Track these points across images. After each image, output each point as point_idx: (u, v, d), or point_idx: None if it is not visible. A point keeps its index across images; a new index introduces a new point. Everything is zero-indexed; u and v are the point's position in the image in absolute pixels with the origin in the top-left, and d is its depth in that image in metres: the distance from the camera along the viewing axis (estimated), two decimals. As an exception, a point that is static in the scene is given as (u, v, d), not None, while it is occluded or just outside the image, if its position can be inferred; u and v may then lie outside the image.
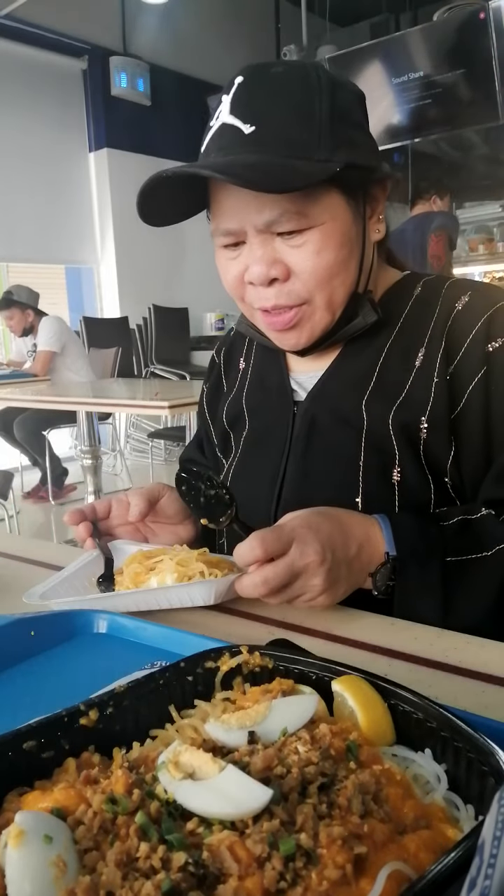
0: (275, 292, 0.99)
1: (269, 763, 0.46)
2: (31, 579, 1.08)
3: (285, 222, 0.94)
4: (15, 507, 4.51)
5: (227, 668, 0.63)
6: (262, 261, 0.97)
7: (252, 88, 0.94)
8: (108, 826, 0.44)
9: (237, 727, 0.52)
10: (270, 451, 1.14)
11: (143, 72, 7.70)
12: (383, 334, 1.08)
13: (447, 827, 0.46)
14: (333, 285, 0.99)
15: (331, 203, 0.96)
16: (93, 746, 0.56)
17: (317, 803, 0.44)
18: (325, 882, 0.39)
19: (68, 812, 0.46)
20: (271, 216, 0.94)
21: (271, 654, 0.64)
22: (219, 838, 0.41)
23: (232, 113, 0.94)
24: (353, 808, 0.44)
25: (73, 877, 0.41)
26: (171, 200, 1.00)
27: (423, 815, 0.46)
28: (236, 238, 0.99)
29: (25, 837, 0.42)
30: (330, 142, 0.93)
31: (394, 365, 1.06)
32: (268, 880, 0.39)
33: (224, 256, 1.03)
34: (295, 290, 0.99)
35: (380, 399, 1.05)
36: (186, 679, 0.62)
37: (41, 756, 0.53)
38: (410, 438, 1.02)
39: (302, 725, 0.52)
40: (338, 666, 0.61)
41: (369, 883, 0.40)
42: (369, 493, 1.02)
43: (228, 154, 0.93)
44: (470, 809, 0.48)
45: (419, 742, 0.54)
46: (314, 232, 0.95)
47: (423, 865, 0.42)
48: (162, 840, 0.42)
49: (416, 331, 1.06)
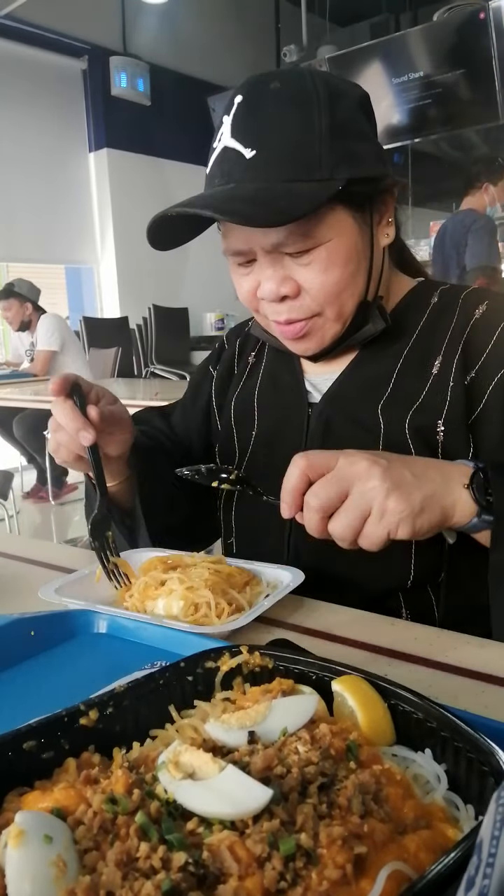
0: (287, 308, 1.01)
1: (270, 763, 0.46)
2: (31, 579, 1.08)
3: (291, 244, 0.95)
4: (15, 507, 4.51)
5: (227, 669, 0.63)
6: (272, 279, 0.99)
7: (252, 109, 0.95)
8: (108, 826, 0.44)
9: (237, 727, 0.52)
10: (284, 452, 1.11)
11: (143, 72, 7.70)
12: (401, 342, 1.09)
13: (447, 827, 0.46)
14: (343, 298, 1.01)
15: (336, 220, 0.97)
16: (93, 746, 0.56)
17: (317, 803, 0.44)
18: (325, 882, 0.39)
19: (68, 812, 0.46)
20: (277, 239, 0.95)
21: (271, 654, 0.64)
22: (219, 838, 0.41)
23: (233, 136, 0.95)
24: (353, 808, 0.44)
25: (73, 877, 0.41)
26: (181, 224, 1.00)
27: (423, 815, 0.46)
28: (247, 257, 1.01)
29: (25, 837, 0.42)
30: (331, 159, 0.93)
31: (410, 372, 1.07)
32: (268, 880, 0.39)
33: (237, 273, 1.05)
34: (306, 304, 1.01)
35: (395, 405, 1.05)
36: (186, 679, 0.62)
37: (41, 756, 0.53)
38: (428, 441, 1.02)
39: (302, 725, 0.52)
40: (338, 666, 0.61)
41: (369, 883, 0.40)
42: None
43: (230, 181, 0.94)
44: (470, 809, 0.49)
45: (419, 742, 0.54)
46: (321, 250, 0.96)
47: (423, 865, 0.42)
48: (162, 840, 0.42)
49: (434, 339, 1.07)
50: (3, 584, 1.08)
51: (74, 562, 1.17)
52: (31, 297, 5.94)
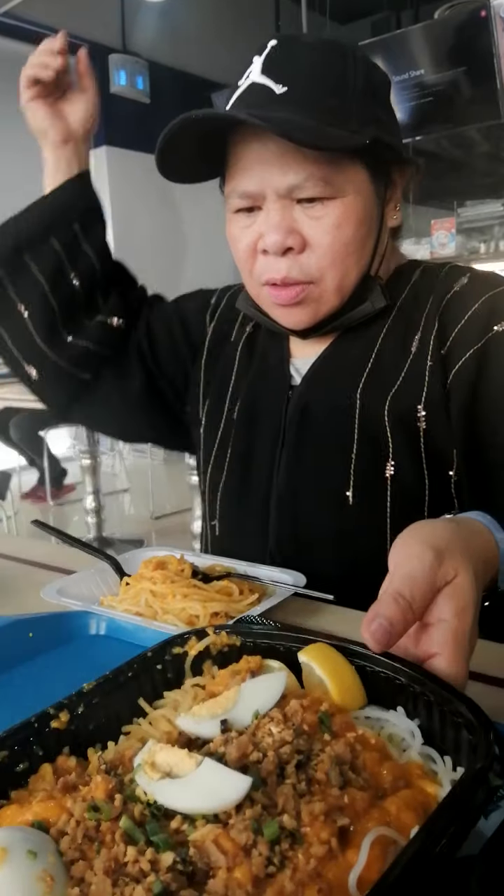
0: (287, 264, 0.95)
1: (245, 750, 0.46)
2: (30, 580, 1.07)
3: (310, 188, 0.91)
4: (13, 508, 4.45)
5: (195, 653, 0.63)
6: (279, 228, 0.93)
7: (287, 51, 0.92)
8: (92, 834, 0.43)
9: (209, 717, 0.52)
10: (265, 434, 1.10)
11: (142, 69, 7.51)
12: (380, 322, 1.04)
13: (426, 783, 0.47)
14: (347, 264, 0.96)
15: (356, 177, 0.93)
16: (67, 748, 0.55)
17: (296, 782, 0.45)
18: (312, 860, 0.40)
19: (50, 824, 0.45)
20: (295, 179, 0.91)
21: (237, 632, 0.64)
22: (202, 833, 0.41)
23: (264, 73, 0.91)
24: (331, 781, 0.45)
25: (61, 890, 0.41)
26: (191, 156, 0.97)
27: (401, 775, 0.47)
28: (253, 202, 0.95)
29: (9, 856, 0.42)
30: (361, 115, 0.91)
31: (390, 351, 1.02)
32: (256, 867, 0.39)
33: (237, 224, 0.99)
34: (308, 264, 0.95)
35: (375, 386, 1.01)
36: (155, 668, 0.62)
37: (14, 767, 0.52)
38: (408, 430, 0.97)
39: (273, 705, 0.52)
40: (304, 634, 0.62)
41: (356, 853, 0.41)
42: (361, 486, 0.98)
43: (258, 111, 0.89)
44: (448, 761, 0.49)
45: (390, 700, 0.55)
46: (336, 204, 0.92)
47: (407, 825, 0.43)
48: (149, 842, 0.42)
49: (413, 315, 1.03)
50: (2, 585, 1.06)
51: (73, 562, 1.14)
52: None
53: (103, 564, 1.01)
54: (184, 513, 4.61)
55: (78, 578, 0.98)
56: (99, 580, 0.99)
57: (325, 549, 1.02)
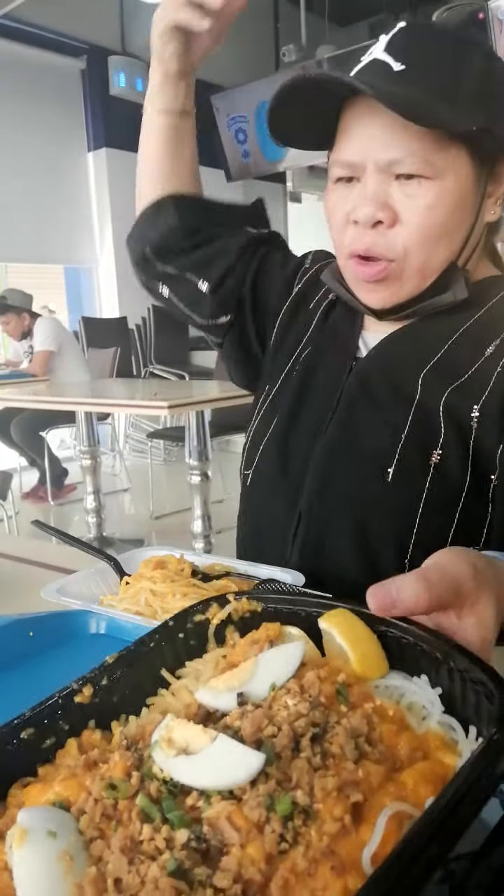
0: (373, 237, 0.95)
1: (259, 725, 0.46)
2: (30, 579, 1.08)
3: (409, 164, 0.91)
4: (14, 508, 4.49)
5: (218, 621, 0.63)
6: (372, 200, 0.93)
7: (412, 34, 0.95)
8: (110, 812, 0.44)
9: (226, 690, 0.52)
10: (320, 397, 1.10)
11: (142, 71, 7.35)
12: (463, 317, 1.03)
13: (445, 754, 0.46)
14: (433, 247, 0.95)
15: (458, 161, 0.92)
16: (93, 722, 0.56)
17: (310, 756, 0.44)
18: (325, 837, 0.40)
19: (70, 803, 0.46)
20: (397, 154, 0.91)
21: (258, 598, 0.64)
22: (216, 810, 0.42)
23: (386, 51, 0.93)
24: (346, 755, 0.44)
25: (81, 868, 0.41)
26: (301, 119, 0.98)
27: (418, 747, 0.47)
28: (353, 172, 0.96)
29: (29, 836, 0.42)
30: (476, 100, 0.91)
31: (464, 348, 1.01)
32: (269, 844, 0.39)
33: (335, 193, 1.00)
34: (396, 240, 0.95)
35: (438, 376, 1.00)
36: (178, 637, 0.62)
37: (41, 744, 0.53)
38: (461, 425, 0.97)
39: (291, 676, 0.52)
40: (325, 600, 0.61)
41: (370, 829, 0.40)
42: (403, 467, 0.98)
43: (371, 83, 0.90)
44: (472, 730, 0.48)
45: (414, 666, 0.54)
46: (433, 185, 0.92)
47: (423, 799, 0.43)
48: (165, 820, 0.42)
49: (497, 323, 1.01)
50: (2, 585, 1.07)
51: (73, 562, 1.15)
52: (25, 306, 5.90)
53: (103, 564, 1.01)
54: (184, 513, 4.60)
55: (78, 578, 0.98)
56: (99, 580, 0.99)
57: (350, 520, 1.01)
